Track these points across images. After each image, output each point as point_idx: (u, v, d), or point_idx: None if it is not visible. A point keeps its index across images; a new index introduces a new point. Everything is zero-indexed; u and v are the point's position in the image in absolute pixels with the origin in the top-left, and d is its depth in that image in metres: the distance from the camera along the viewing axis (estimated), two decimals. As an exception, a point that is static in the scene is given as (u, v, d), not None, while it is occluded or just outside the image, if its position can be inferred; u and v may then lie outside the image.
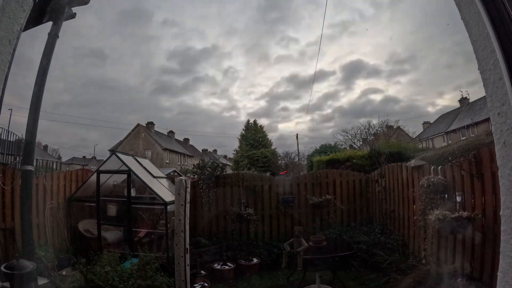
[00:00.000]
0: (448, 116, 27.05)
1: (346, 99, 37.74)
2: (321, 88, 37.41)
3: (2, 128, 7.59)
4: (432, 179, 3.93)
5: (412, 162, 4.78)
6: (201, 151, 38.90)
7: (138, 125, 29.65)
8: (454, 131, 24.03)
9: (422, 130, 29.88)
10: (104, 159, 6.72)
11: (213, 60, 40.69)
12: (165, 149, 28.97)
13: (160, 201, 5.23)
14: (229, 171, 18.02)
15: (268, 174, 10.18)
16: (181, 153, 33.14)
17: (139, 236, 5.49)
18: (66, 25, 3.51)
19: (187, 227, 3.20)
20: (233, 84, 44.23)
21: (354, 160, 8.56)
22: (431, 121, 30.19)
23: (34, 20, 2.22)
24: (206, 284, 4.61)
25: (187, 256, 3.14)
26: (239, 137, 30.34)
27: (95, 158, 33.03)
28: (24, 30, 1.04)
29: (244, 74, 43.11)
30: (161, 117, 42.08)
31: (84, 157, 36.31)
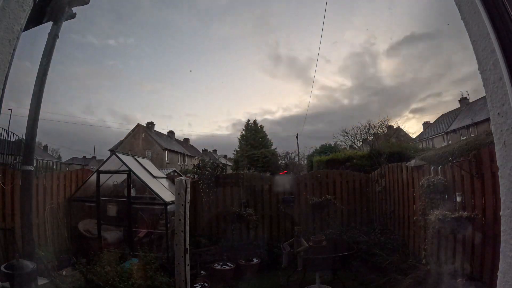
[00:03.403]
0: (448, 116, 27.05)
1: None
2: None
3: (2, 128, 7.59)
4: (432, 179, 3.93)
5: (412, 162, 4.77)
6: (201, 151, 38.91)
7: (138, 125, 29.66)
8: (454, 131, 24.03)
9: (422, 130, 29.89)
10: (104, 159, 6.72)
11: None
12: (165, 149, 28.96)
13: (160, 201, 5.23)
14: (229, 171, 18.01)
15: (268, 174, 10.18)
16: (181, 153, 33.14)
17: (139, 236, 5.49)
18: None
19: (187, 227, 3.20)
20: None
21: (354, 160, 8.58)
22: (431, 121, 30.21)
23: (34, 20, 2.21)
24: (206, 284, 4.61)
25: (187, 256, 3.15)
26: (239, 137, 30.36)
27: (95, 158, 33.03)
28: (24, 30, 1.04)
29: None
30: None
31: (84, 157, 36.31)
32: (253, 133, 29.65)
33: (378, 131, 19.03)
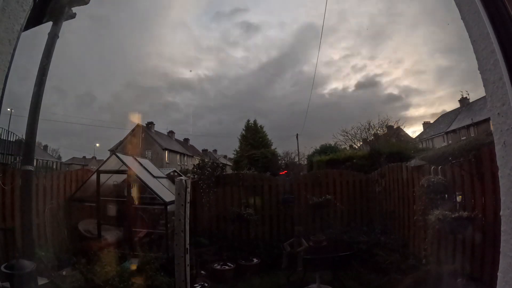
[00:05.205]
0: (448, 116, 27.02)
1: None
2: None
3: (2, 128, 7.59)
4: (432, 179, 3.93)
5: (412, 162, 4.78)
6: (201, 151, 38.86)
7: (138, 125, 29.61)
8: (454, 131, 24.02)
9: (422, 130, 29.86)
10: (104, 159, 6.73)
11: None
12: (165, 149, 28.96)
13: (160, 201, 5.23)
14: (229, 171, 18.00)
15: (268, 174, 10.18)
16: (181, 153, 33.13)
17: (139, 236, 5.49)
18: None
19: (187, 227, 3.20)
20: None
21: (354, 160, 8.58)
22: (431, 121, 30.18)
23: (34, 20, 2.21)
24: (206, 284, 4.61)
25: (187, 256, 3.15)
26: (239, 138, 30.34)
27: (95, 158, 32.99)
28: (24, 30, 1.04)
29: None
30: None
31: (84, 157, 36.25)
32: (253, 133, 29.64)
33: (378, 131, 19.02)
